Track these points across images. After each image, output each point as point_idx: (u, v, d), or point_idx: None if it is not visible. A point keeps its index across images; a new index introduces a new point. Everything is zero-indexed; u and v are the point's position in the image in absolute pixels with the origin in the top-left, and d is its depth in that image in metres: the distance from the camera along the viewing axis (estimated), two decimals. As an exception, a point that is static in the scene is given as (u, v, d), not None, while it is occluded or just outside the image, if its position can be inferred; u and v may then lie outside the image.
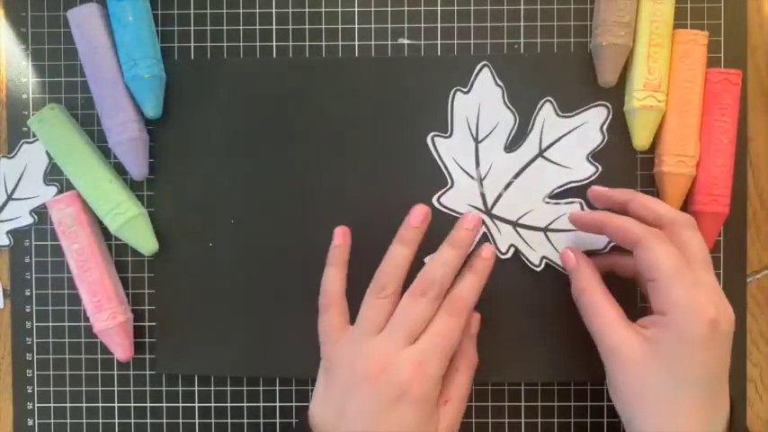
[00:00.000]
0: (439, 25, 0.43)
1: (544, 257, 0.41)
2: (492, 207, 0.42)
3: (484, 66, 0.41)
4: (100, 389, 0.43)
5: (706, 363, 0.33)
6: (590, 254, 0.41)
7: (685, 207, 0.41)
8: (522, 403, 0.43)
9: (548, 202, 0.41)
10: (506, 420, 0.43)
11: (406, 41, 0.43)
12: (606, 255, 0.41)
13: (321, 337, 0.38)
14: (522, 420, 0.43)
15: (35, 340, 0.43)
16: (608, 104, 0.41)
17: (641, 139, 0.41)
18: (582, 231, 0.40)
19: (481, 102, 0.42)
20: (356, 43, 0.43)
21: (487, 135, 0.42)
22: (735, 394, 0.42)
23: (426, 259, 0.41)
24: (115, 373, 0.43)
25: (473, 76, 0.42)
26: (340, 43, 0.43)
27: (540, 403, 0.43)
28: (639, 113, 0.40)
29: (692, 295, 0.33)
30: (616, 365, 0.35)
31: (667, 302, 0.34)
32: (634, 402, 0.34)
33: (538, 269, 0.41)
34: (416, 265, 0.42)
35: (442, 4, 0.43)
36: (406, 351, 0.35)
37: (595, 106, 0.41)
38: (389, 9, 0.43)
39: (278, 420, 0.43)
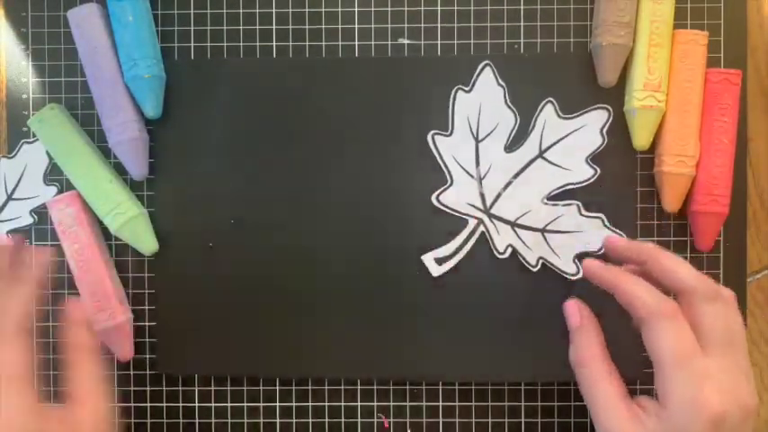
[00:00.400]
0: (439, 25, 0.43)
1: (541, 258, 0.41)
2: (491, 207, 0.42)
3: (486, 65, 0.41)
4: (100, 389, 0.43)
5: None
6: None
7: (685, 207, 0.41)
8: (522, 403, 0.43)
9: (546, 204, 0.41)
10: (506, 420, 0.43)
11: (406, 41, 0.43)
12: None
13: None
14: (522, 420, 0.43)
15: (35, 340, 0.43)
16: (608, 107, 0.41)
17: (641, 139, 0.41)
18: (582, 243, 0.38)
19: (482, 101, 0.42)
20: (356, 43, 0.43)
21: (488, 134, 0.42)
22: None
23: (424, 257, 0.42)
24: (115, 373, 0.43)
25: (475, 75, 0.42)
26: (340, 43, 0.43)
27: (539, 403, 0.43)
28: (639, 113, 0.40)
29: (694, 388, 0.31)
30: None
31: (667, 394, 0.31)
32: None
33: (534, 270, 0.41)
34: (413, 264, 0.42)
35: (441, 4, 0.43)
36: None
37: (596, 109, 0.41)
38: (389, 9, 0.43)
39: (278, 420, 0.43)
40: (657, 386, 0.32)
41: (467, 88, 0.42)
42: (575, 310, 0.37)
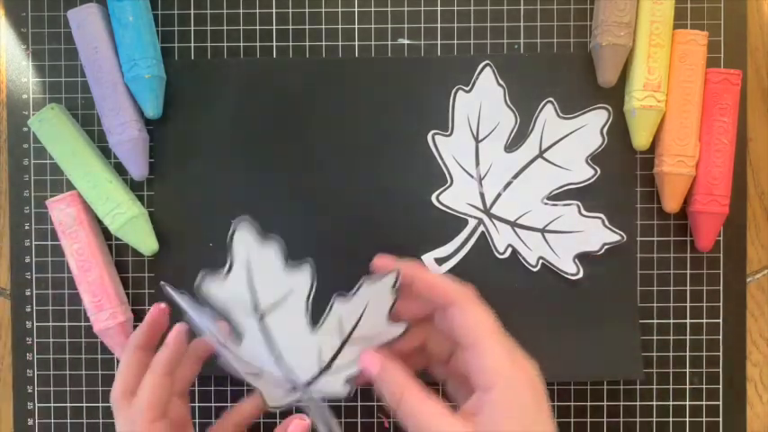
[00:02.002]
0: (439, 25, 0.43)
1: (541, 258, 0.41)
2: (491, 206, 0.42)
3: (486, 65, 0.41)
4: (100, 389, 0.43)
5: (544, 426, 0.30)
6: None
7: (685, 207, 0.41)
8: (522, 403, 0.43)
9: (546, 203, 0.41)
10: (506, 420, 0.43)
11: (406, 41, 0.43)
12: (418, 328, 0.35)
13: None
14: (522, 420, 0.43)
15: (35, 340, 0.43)
16: (608, 107, 0.41)
17: (641, 139, 0.41)
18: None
19: (482, 101, 0.42)
20: (356, 43, 0.43)
21: (488, 134, 0.42)
22: (735, 394, 0.42)
23: (424, 257, 0.42)
24: (115, 373, 0.43)
25: (475, 75, 0.42)
26: (340, 43, 0.43)
27: (539, 403, 0.43)
28: (639, 113, 0.40)
29: (513, 356, 0.31)
30: None
31: (489, 369, 0.30)
32: None
33: (535, 269, 0.41)
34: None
35: (441, 4, 0.43)
36: None
37: (596, 108, 0.41)
38: (389, 9, 0.43)
39: (278, 420, 0.43)
40: (477, 370, 0.30)
41: (467, 88, 0.42)
42: (372, 360, 0.33)
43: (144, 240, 0.42)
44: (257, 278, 0.32)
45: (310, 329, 0.33)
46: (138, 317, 0.43)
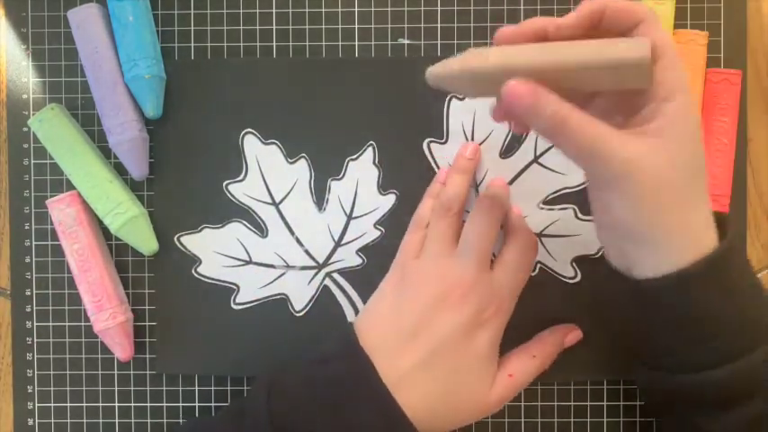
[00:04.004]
0: (439, 25, 0.43)
1: (539, 262, 0.41)
2: (491, 207, 0.42)
3: None
4: (100, 389, 0.43)
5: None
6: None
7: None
8: (522, 403, 0.43)
9: (542, 208, 0.41)
10: (506, 420, 0.43)
11: (406, 41, 0.43)
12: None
13: (402, 252, 0.40)
14: (522, 420, 0.43)
15: (35, 340, 0.43)
16: None
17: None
18: (575, 232, 0.38)
19: (476, 108, 0.42)
20: (356, 43, 0.43)
21: (483, 141, 0.42)
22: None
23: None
24: (115, 372, 0.43)
25: None
26: (340, 43, 0.43)
27: (539, 403, 0.43)
28: (639, 113, 0.40)
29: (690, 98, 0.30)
30: (632, 184, 0.29)
31: (678, 80, 0.29)
32: (651, 217, 0.30)
33: (533, 274, 0.41)
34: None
35: (441, 5, 0.43)
36: (491, 281, 0.37)
37: None
38: (389, 9, 0.43)
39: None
40: (658, 76, 0.29)
41: (460, 96, 0.42)
42: (519, 89, 0.29)
43: (144, 240, 0.42)
44: (267, 172, 0.40)
45: (318, 210, 0.40)
46: (139, 317, 0.43)
